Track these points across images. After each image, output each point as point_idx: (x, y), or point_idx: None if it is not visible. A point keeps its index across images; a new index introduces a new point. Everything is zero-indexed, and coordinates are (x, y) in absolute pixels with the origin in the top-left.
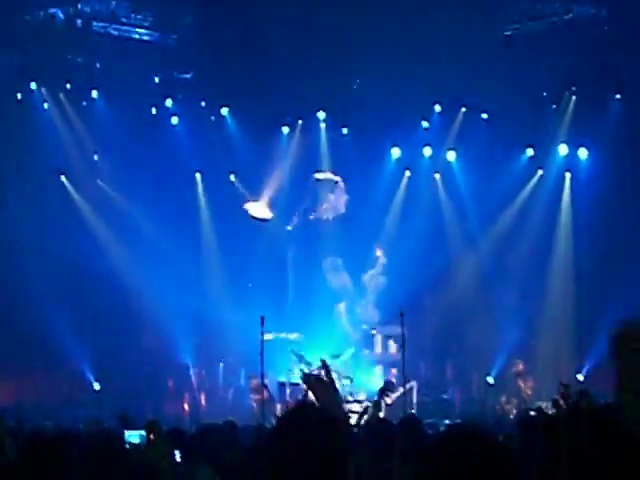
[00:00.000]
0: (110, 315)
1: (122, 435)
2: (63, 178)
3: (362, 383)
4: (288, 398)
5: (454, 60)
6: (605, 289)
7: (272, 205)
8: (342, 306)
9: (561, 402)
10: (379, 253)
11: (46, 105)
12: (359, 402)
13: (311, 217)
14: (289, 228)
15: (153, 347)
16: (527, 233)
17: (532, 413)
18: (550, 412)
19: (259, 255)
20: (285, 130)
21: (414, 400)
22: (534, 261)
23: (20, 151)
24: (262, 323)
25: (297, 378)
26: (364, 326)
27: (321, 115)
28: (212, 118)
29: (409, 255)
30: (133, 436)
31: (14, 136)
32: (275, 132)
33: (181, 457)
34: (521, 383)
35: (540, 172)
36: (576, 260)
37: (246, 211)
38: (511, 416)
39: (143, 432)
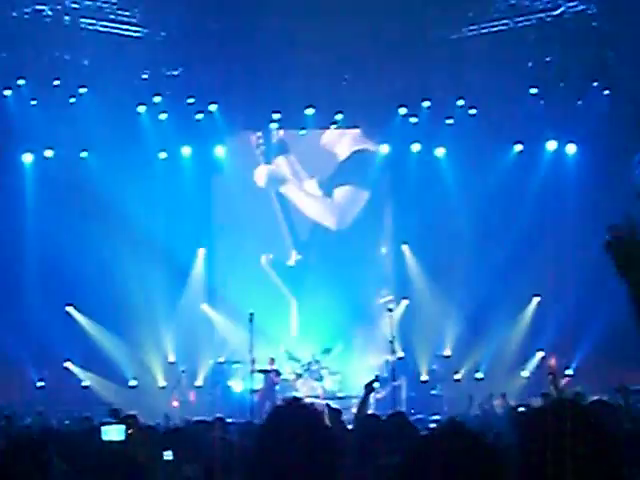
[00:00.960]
0: (98, 309)
1: (99, 432)
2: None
3: (351, 378)
4: (278, 395)
5: (443, 55)
6: (595, 286)
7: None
8: None
9: (552, 391)
10: None
11: (34, 102)
12: (348, 398)
13: None
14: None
15: (142, 343)
16: (514, 230)
17: (521, 409)
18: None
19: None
20: (273, 126)
21: (403, 396)
22: (520, 258)
23: (6, 147)
24: (251, 320)
25: (287, 374)
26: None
27: (309, 111)
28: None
29: (398, 252)
30: (111, 431)
31: (2, 132)
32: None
33: (172, 455)
34: (554, 379)
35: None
36: (563, 258)
37: None
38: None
39: (122, 426)
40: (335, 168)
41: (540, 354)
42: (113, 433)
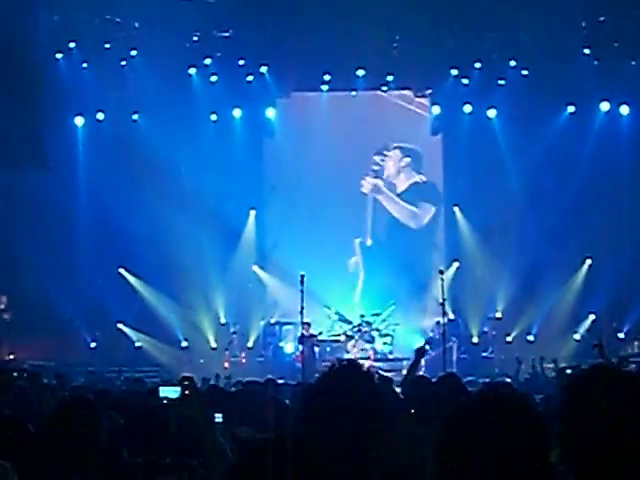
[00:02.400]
0: (150, 270)
1: (157, 391)
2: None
3: (402, 340)
4: (328, 356)
5: (495, 17)
6: None
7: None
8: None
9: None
10: None
11: (85, 65)
12: (399, 360)
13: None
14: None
15: (193, 304)
16: (567, 191)
17: (569, 371)
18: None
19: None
20: (324, 88)
21: (454, 358)
22: (575, 219)
23: (58, 110)
24: (302, 282)
25: (337, 336)
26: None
27: (360, 72)
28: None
29: (450, 214)
30: (168, 391)
31: (52, 96)
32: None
33: (222, 418)
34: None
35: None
36: (616, 221)
37: None
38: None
39: (178, 388)
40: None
41: (592, 317)
42: (169, 392)
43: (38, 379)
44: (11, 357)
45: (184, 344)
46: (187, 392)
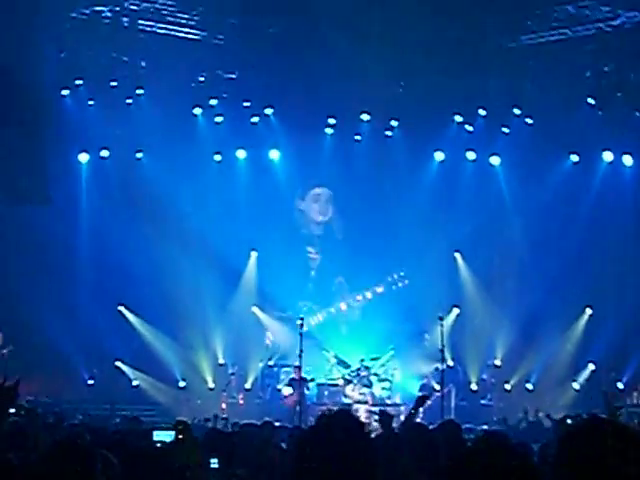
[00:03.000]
0: (149, 309)
1: (150, 434)
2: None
3: (400, 386)
4: (326, 400)
5: (499, 64)
6: None
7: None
8: None
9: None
10: None
11: (91, 102)
12: (396, 406)
13: None
14: None
15: (192, 344)
16: (570, 239)
17: (569, 421)
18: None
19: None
20: (329, 131)
21: (452, 405)
22: (576, 267)
23: (63, 146)
24: (301, 325)
25: (336, 380)
26: None
27: (365, 117)
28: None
29: (449, 260)
30: (163, 435)
31: (57, 131)
32: (318, 133)
33: (219, 463)
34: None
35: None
36: (617, 270)
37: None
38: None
39: (173, 432)
40: None
41: (592, 366)
42: (164, 436)
43: (35, 415)
44: None
45: (182, 384)
46: (181, 437)
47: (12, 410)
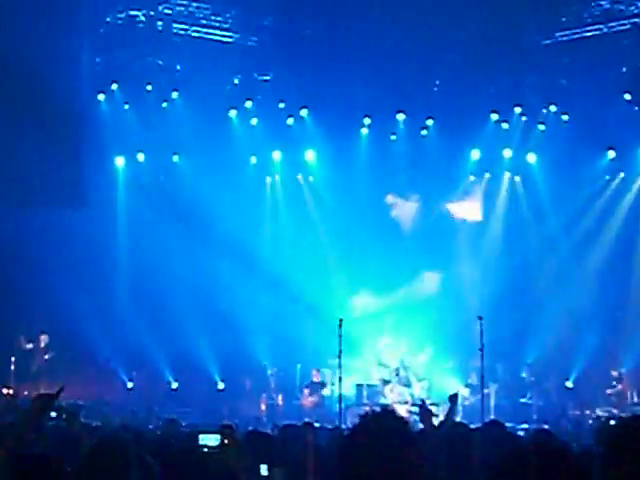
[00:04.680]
0: (186, 314)
1: (196, 438)
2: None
3: (439, 385)
4: (365, 400)
5: (535, 61)
6: None
7: None
8: None
9: None
10: None
11: (127, 106)
12: (435, 405)
13: None
14: None
15: (230, 347)
16: (608, 236)
17: (612, 422)
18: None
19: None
20: (364, 132)
21: (492, 404)
22: (615, 264)
23: (99, 150)
24: (340, 325)
25: (375, 379)
26: None
27: (400, 117)
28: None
29: (488, 258)
30: (208, 439)
31: (94, 136)
32: (353, 134)
33: (267, 470)
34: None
35: (621, 175)
36: None
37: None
38: (590, 421)
39: (219, 436)
40: None
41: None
42: (209, 440)
43: (76, 418)
44: None
45: (221, 386)
46: (227, 441)
47: (53, 414)
